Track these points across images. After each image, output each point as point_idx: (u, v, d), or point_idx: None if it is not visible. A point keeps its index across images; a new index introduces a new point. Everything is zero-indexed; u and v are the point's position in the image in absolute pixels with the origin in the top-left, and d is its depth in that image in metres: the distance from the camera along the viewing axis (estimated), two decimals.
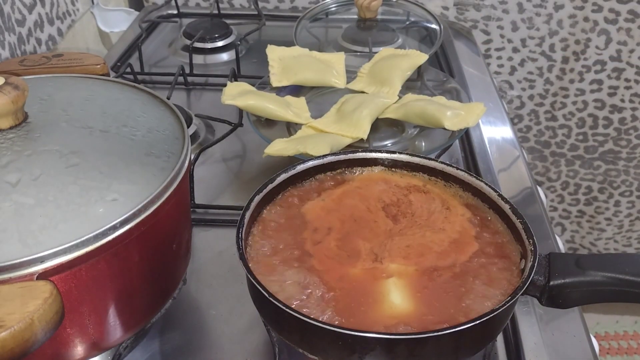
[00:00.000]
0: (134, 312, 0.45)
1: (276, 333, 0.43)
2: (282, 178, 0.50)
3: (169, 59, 0.96)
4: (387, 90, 0.76)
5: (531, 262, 0.41)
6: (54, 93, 0.50)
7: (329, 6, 1.03)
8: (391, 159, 0.52)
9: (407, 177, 0.52)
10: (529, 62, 1.25)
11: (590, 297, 0.42)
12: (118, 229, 0.39)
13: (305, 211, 0.49)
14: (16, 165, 0.41)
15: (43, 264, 0.36)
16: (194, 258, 0.57)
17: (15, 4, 0.77)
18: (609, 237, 1.52)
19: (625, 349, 1.55)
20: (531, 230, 0.43)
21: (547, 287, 0.41)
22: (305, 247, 0.45)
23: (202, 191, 0.66)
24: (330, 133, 0.69)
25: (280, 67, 0.79)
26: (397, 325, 0.39)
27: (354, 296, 0.41)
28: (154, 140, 0.46)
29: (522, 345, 0.50)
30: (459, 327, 0.37)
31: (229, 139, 0.72)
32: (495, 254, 0.44)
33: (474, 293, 0.41)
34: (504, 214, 0.46)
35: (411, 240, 0.46)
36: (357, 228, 0.47)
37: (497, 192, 0.47)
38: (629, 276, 0.40)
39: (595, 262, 0.42)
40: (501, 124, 0.82)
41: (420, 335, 0.37)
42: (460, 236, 0.46)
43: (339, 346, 0.38)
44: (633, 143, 1.35)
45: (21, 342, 0.33)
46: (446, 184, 0.51)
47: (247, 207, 0.46)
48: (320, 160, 0.52)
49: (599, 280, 0.41)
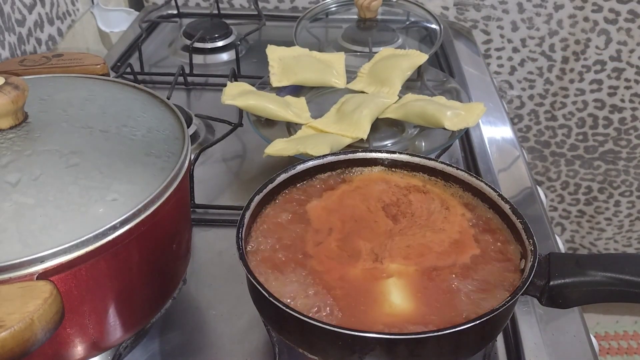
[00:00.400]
0: (134, 312, 0.45)
1: (276, 333, 0.43)
2: (282, 178, 0.50)
3: (169, 59, 0.96)
4: (387, 90, 0.76)
5: (531, 262, 0.41)
6: (54, 93, 0.50)
7: (329, 6, 1.03)
8: (391, 159, 0.52)
9: (407, 177, 0.52)
10: (529, 62, 1.25)
11: (590, 297, 0.41)
12: (118, 229, 0.39)
13: (306, 211, 0.49)
14: (16, 165, 0.41)
15: (43, 264, 0.36)
16: (194, 258, 0.57)
17: (15, 4, 0.77)
18: (609, 237, 1.52)
19: (625, 349, 1.55)
20: (531, 231, 0.43)
21: (547, 287, 0.41)
22: (306, 247, 0.45)
23: (202, 191, 0.66)
24: (330, 133, 0.69)
25: (280, 67, 0.79)
26: (397, 325, 0.39)
27: (354, 296, 0.41)
28: (154, 140, 0.46)
29: (522, 345, 0.50)
30: (459, 327, 0.37)
31: (229, 139, 0.72)
32: (495, 254, 0.44)
33: (473, 293, 0.41)
34: (504, 214, 0.46)
35: (411, 240, 0.46)
36: (357, 228, 0.47)
37: (497, 192, 0.47)
38: (629, 276, 0.40)
39: (595, 262, 0.42)
40: (501, 124, 0.82)
41: (420, 335, 0.37)
42: (460, 236, 0.46)
43: (339, 346, 0.38)
44: (633, 143, 1.35)
45: (21, 342, 0.33)
46: (446, 184, 0.51)
47: (247, 207, 0.46)
48: (320, 160, 0.52)
49: (599, 280, 0.41)
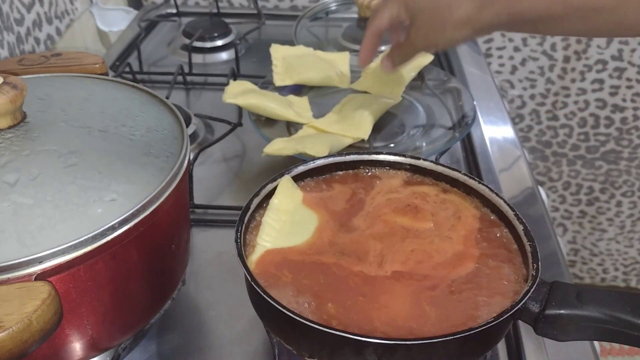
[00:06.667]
0: (133, 312, 0.45)
1: (275, 334, 0.43)
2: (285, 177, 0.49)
3: (168, 58, 0.96)
4: (390, 91, 0.76)
5: (528, 286, 0.40)
6: (53, 92, 0.50)
7: (329, 5, 1.03)
8: (412, 165, 0.51)
9: (423, 183, 0.51)
10: (530, 61, 1.25)
11: (588, 333, 0.39)
12: (117, 229, 0.39)
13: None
14: (14, 165, 0.41)
15: (41, 265, 0.36)
16: (193, 259, 0.57)
17: (13, 3, 0.77)
18: (610, 237, 1.51)
19: (627, 349, 1.54)
20: (538, 256, 0.42)
21: (541, 316, 0.39)
22: (306, 247, 0.45)
23: (201, 191, 0.66)
24: (331, 133, 0.69)
25: (283, 66, 0.79)
26: (394, 330, 0.39)
27: (354, 297, 0.41)
28: (152, 140, 0.46)
29: (522, 345, 0.50)
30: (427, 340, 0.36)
31: (229, 138, 0.72)
32: (498, 272, 0.43)
33: (470, 307, 0.40)
34: (516, 234, 0.45)
35: (417, 245, 0.45)
36: (359, 229, 0.47)
37: (514, 210, 0.46)
38: (630, 317, 0.38)
39: (596, 297, 0.39)
40: (502, 124, 0.82)
41: (421, 341, 0.37)
42: (467, 248, 0.45)
43: (338, 351, 0.38)
44: (635, 143, 1.35)
45: (19, 342, 0.33)
46: (465, 195, 0.50)
47: (247, 208, 0.45)
48: (323, 161, 0.51)
49: (596, 316, 0.38)
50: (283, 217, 0.47)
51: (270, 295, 0.39)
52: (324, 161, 0.51)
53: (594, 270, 1.59)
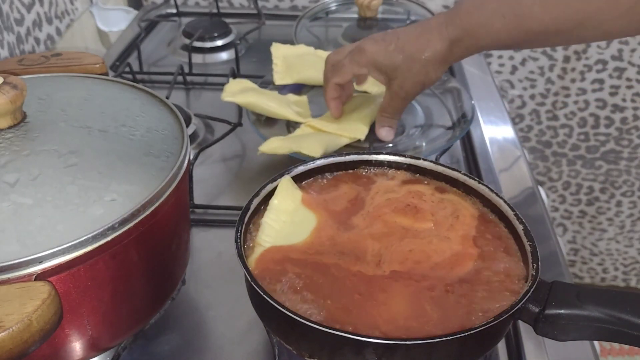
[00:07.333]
0: (133, 312, 0.45)
1: (275, 334, 0.43)
2: (284, 177, 0.49)
3: (168, 58, 0.96)
4: None
5: (528, 286, 0.40)
6: (53, 93, 0.50)
7: (329, 5, 1.03)
8: (412, 164, 0.52)
9: (423, 183, 0.51)
10: (530, 61, 1.25)
11: (588, 332, 0.39)
12: (117, 229, 0.39)
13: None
14: (14, 165, 0.41)
15: (41, 265, 0.36)
16: (193, 259, 0.57)
17: (14, 3, 0.77)
18: (610, 237, 1.51)
19: (627, 349, 1.54)
20: (538, 255, 0.42)
21: (541, 315, 0.39)
22: (306, 247, 0.45)
23: (201, 191, 0.66)
24: (328, 133, 0.68)
25: (284, 65, 0.79)
26: (393, 331, 0.39)
27: (353, 297, 0.41)
28: (152, 140, 0.46)
29: (522, 345, 0.50)
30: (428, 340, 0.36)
31: (229, 138, 0.72)
32: (497, 272, 0.43)
33: (469, 307, 0.40)
34: (516, 234, 0.45)
35: (415, 245, 0.45)
36: (357, 228, 0.47)
37: (514, 210, 0.46)
38: (630, 316, 0.38)
39: (596, 297, 0.39)
40: (502, 124, 0.82)
41: (421, 341, 0.37)
42: (465, 248, 0.45)
43: (338, 351, 0.38)
44: (635, 143, 1.35)
45: (19, 343, 0.33)
46: (464, 194, 0.50)
47: (247, 208, 0.45)
48: (324, 161, 0.51)
49: (596, 316, 0.38)
50: (283, 217, 0.47)
51: (270, 295, 0.39)
52: (324, 161, 0.51)
53: (594, 270, 1.59)
